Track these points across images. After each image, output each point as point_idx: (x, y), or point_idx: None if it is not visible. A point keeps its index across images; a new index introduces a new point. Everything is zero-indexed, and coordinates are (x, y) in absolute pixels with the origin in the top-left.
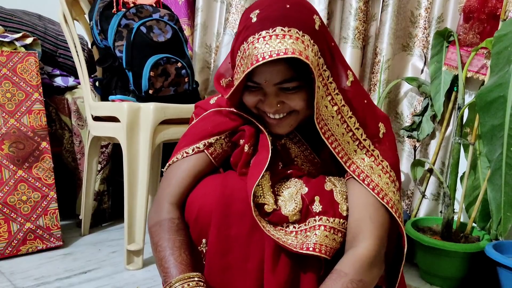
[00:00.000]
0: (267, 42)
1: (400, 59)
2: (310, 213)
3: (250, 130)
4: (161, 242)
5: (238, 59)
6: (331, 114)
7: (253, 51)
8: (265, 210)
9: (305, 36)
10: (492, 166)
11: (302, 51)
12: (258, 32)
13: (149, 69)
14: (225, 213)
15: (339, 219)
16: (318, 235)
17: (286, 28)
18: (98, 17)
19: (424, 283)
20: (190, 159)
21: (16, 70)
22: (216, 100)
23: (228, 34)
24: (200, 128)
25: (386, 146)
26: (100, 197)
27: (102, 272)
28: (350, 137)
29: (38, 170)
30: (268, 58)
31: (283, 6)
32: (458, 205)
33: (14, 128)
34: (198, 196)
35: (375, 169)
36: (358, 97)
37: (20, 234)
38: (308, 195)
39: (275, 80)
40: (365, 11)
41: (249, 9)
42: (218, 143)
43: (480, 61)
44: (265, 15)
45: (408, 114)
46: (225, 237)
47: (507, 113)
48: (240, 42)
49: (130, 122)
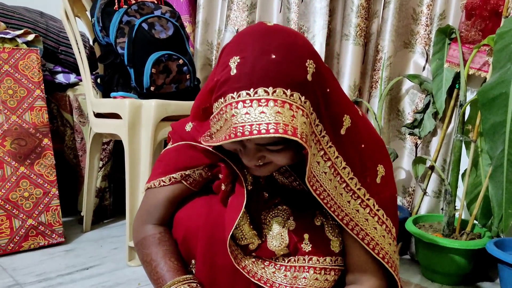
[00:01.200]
0: (247, 110)
1: (402, 56)
2: (299, 250)
3: (226, 170)
4: (146, 258)
5: (216, 109)
6: (324, 170)
7: (231, 118)
8: (250, 249)
9: (293, 96)
10: (494, 163)
11: (288, 124)
12: (237, 91)
13: (151, 66)
14: (210, 241)
15: (331, 257)
16: (308, 278)
17: (270, 88)
18: (99, 14)
19: (425, 280)
20: (168, 188)
21: (18, 67)
22: (192, 129)
23: (229, 31)
24: (175, 159)
25: (384, 190)
26: (101, 194)
27: (104, 268)
28: (343, 189)
29: (40, 166)
30: (248, 135)
31: (267, 56)
32: (459, 202)
33: (16, 124)
34: (184, 217)
35: (370, 222)
36: (354, 144)
37: (22, 230)
38: (296, 232)
39: (257, 141)
40: (367, 8)
41: (229, 48)
42: (196, 173)
43: (482, 58)
44: (246, 67)
45: (409, 111)
46: (211, 266)
47: (509, 110)
48: (217, 95)
49: (132, 119)
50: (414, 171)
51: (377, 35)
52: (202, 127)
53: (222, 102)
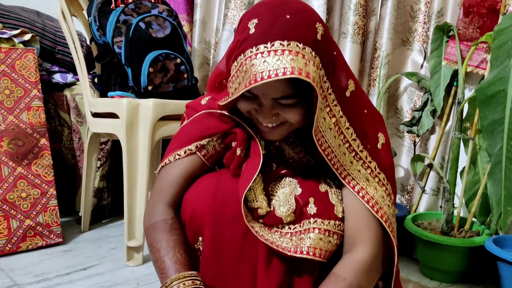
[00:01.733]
0: (265, 59)
1: (400, 54)
2: (304, 215)
3: (242, 134)
4: (155, 244)
5: (234, 69)
6: (329, 126)
7: (251, 68)
8: (259, 214)
9: (305, 49)
10: (492, 160)
11: (302, 68)
12: (255, 46)
13: (148, 65)
14: (218, 217)
15: (335, 221)
16: (312, 238)
17: (285, 42)
18: (96, 13)
19: (424, 278)
20: (182, 161)
21: (15, 67)
22: (208, 101)
23: (227, 30)
24: (192, 130)
25: (384, 157)
26: (99, 193)
27: (102, 268)
28: (347, 148)
29: (38, 167)
30: (267, 78)
31: (283, 16)
32: (458, 200)
33: (13, 125)
34: (192, 196)
35: (371, 182)
36: (357, 107)
37: (20, 231)
38: (302, 197)
39: (273, 95)
40: (365, 6)
41: (247, 15)
42: (211, 145)
43: (480, 56)
44: (263, 26)
45: (408, 109)
46: (219, 241)
47: (507, 107)
48: (237, 53)
49: (130, 119)
50: (413, 169)
51: (375, 33)
52: (218, 96)
53: (242, 57)
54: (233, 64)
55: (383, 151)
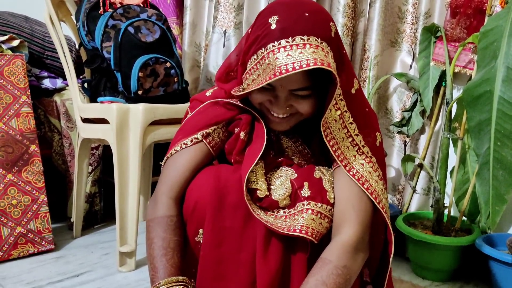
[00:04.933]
0: (288, 52)
1: (389, 55)
2: (298, 198)
3: (247, 118)
4: (156, 240)
5: (253, 62)
6: (334, 118)
7: (275, 61)
8: (257, 196)
9: (323, 44)
10: (480, 161)
11: (323, 59)
12: (278, 41)
13: (138, 69)
14: (219, 205)
15: (326, 205)
16: (305, 218)
17: (306, 36)
18: (84, 18)
19: (416, 277)
20: (189, 150)
21: (3, 73)
22: (213, 92)
23: (217, 32)
24: (198, 120)
25: (381, 155)
26: (91, 199)
27: (95, 274)
28: (350, 143)
29: (28, 173)
30: (292, 70)
31: (302, 14)
32: (448, 199)
33: (2, 131)
34: (195, 188)
35: (373, 175)
36: (360, 104)
37: (11, 238)
38: (297, 180)
39: (291, 86)
40: (353, 8)
41: (266, 11)
42: (216, 133)
43: (467, 56)
44: (285, 22)
45: (397, 110)
46: (219, 229)
47: (493, 107)
48: (258, 47)
49: (120, 124)
50: (403, 169)
51: (364, 34)
52: (224, 86)
53: (263, 51)
54: (251, 57)
55: (380, 150)
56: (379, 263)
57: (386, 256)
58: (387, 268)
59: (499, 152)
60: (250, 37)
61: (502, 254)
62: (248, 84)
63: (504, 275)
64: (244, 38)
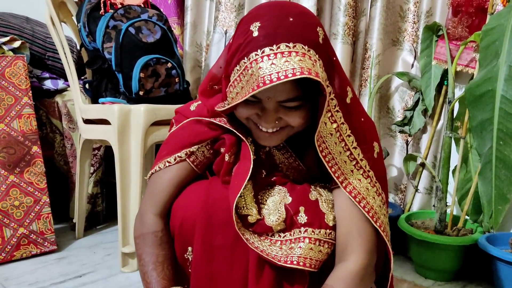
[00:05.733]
0: (273, 61)
1: (390, 54)
2: (295, 224)
3: (230, 139)
4: (144, 256)
5: (236, 73)
6: (330, 132)
7: (258, 71)
8: (249, 221)
9: (310, 51)
10: (482, 160)
11: (310, 68)
12: (261, 49)
13: (139, 70)
14: (209, 223)
15: (325, 230)
16: (302, 248)
17: (291, 43)
18: (85, 19)
19: (418, 277)
20: (172, 168)
21: (5, 75)
22: (197, 107)
23: (218, 32)
24: (181, 137)
25: (379, 166)
26: (93, 199)
27: (97, 275)
28: (347, 157)
29: (30, 174)
30: (276, 81)
31: (286, 19)
32: (450, 199)
33: (4, 133)
34: (182, 204)
35: (370, 191)
36: (357, 115)
37: (13, 239)
38: (292, 206)
39: (279, 98)
40: (354, 7)
41: (247, 18)
42: (200, 151)
43: (469, 55)
44: (267, 29)
45: (399, 109)
46: (209, 246)
47: (496, 107)
48: (240, 57)
49: (121, 125)
50: (405, 168)
51: (365, 33)
52: (208, 102)
53: (246, 61)
54: (234, 69)
55: (378, 160)
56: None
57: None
58: (387, 281)
59: (501, 151)
60: (232, 47)
61: (505, 254)
62: (232, 98)
63: (507, 275)
64: (226, 48)
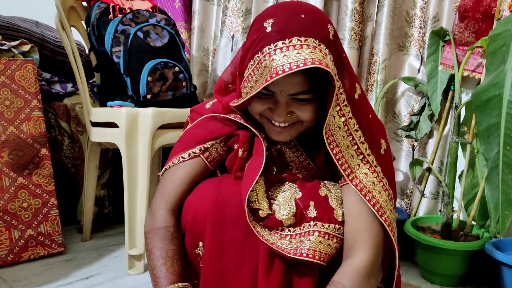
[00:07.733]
0: (285, 53)
1: (397, 59)
2: (305, 218)
3: (244, 135)
4: (155, 251)
5: (250, 68)
6: (338, 125)
7: (271, 63)
8: (260, 215)
9: (321, 45)
10: (489, 165)
11: (321, 59)
12: (274, 43)
13: (147, 74)
14: (220, 218)
15: (335, 225)
16: (312, 240)
17: (303, 38)
18: (95, 23)
19: (425, 282)
20: (186, 164)
21: (15, 78)
22: (212, 105)
23: (225, 37)
24: (196, 134)
25: (387, 163)
26: (100, 202)
27: (104, 277)
28: (355, 151)
29: (38, 176)
30: (288, 71)
31: (298, 16)
32: (457, 204)
33: (13, 135)
34: (193, 200)
35: (376, 186)
36: (364, 111)
37: (21, 241)
38: (302, 200)
39: (290, 90)
40: (361, 12)
41: (261, 16)
42: (214, 148)
43: (476, 60)
44: (280, 24)
45: (405, 114)
46: (220, 242)
47: (503, 112)
48: (254, 52)
49: (129, 128)
50: (412, 173)
51: (372, 38)
52: (223, 99)
53: (259, 55)
54: (249, 64)
55: (386, 157)
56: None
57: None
58: (393, 279)
59: (508, 156)
60: (246, 44)
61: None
62: (247, 92)
63: None
64: (240, 48)
